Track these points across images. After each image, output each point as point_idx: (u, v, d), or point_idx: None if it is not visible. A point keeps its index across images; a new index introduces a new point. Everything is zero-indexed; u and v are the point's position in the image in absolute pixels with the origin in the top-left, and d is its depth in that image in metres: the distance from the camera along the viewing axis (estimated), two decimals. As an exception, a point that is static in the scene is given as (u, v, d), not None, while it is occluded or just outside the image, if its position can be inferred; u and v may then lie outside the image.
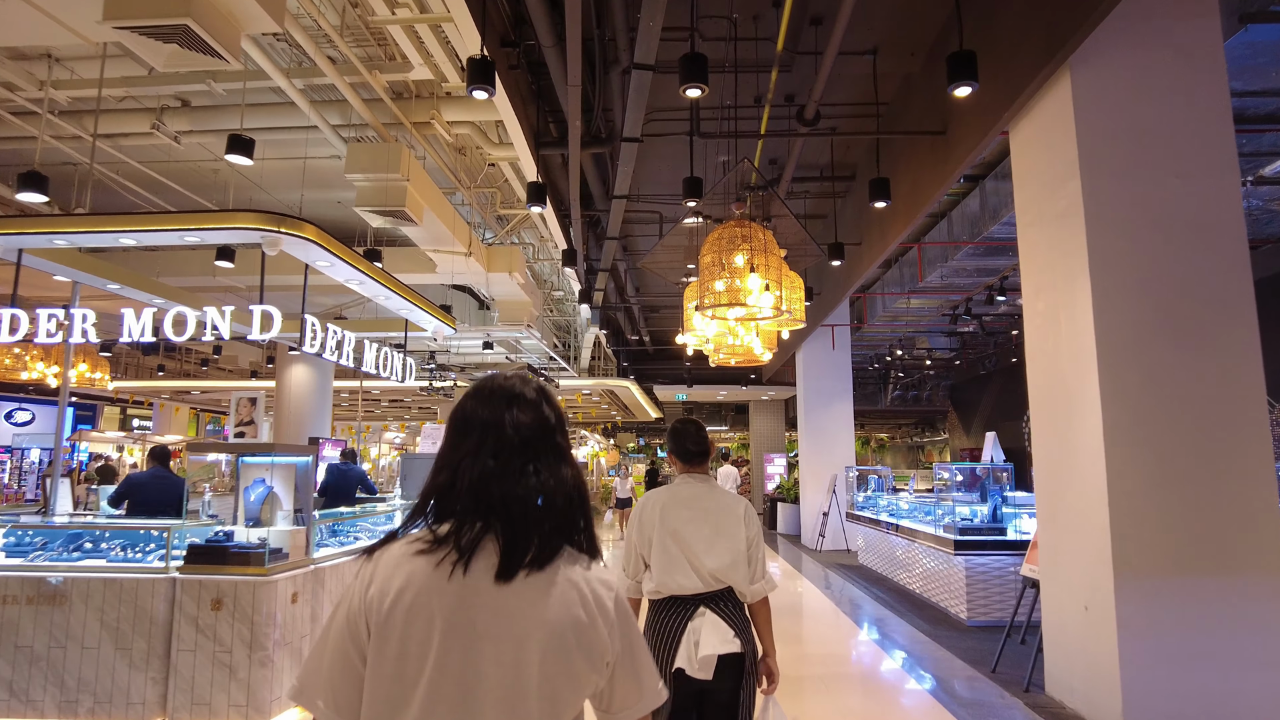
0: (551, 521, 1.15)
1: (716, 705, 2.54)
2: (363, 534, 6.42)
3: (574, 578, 1.14)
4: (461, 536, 1.11)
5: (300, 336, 5.82)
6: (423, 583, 1.09)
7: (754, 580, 2.67)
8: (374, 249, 9.20)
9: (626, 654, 1.17)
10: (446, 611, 1.07)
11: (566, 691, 1.10)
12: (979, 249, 10.09)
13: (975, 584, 7.51)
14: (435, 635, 1.06)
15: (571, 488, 1.19)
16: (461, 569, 1.09)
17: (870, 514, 11.37)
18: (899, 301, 13.06)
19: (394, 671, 1.06)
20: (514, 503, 1.13)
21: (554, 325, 17.90)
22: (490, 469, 1.15)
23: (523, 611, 1.09)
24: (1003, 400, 17.83)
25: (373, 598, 1.10)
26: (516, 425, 1.18)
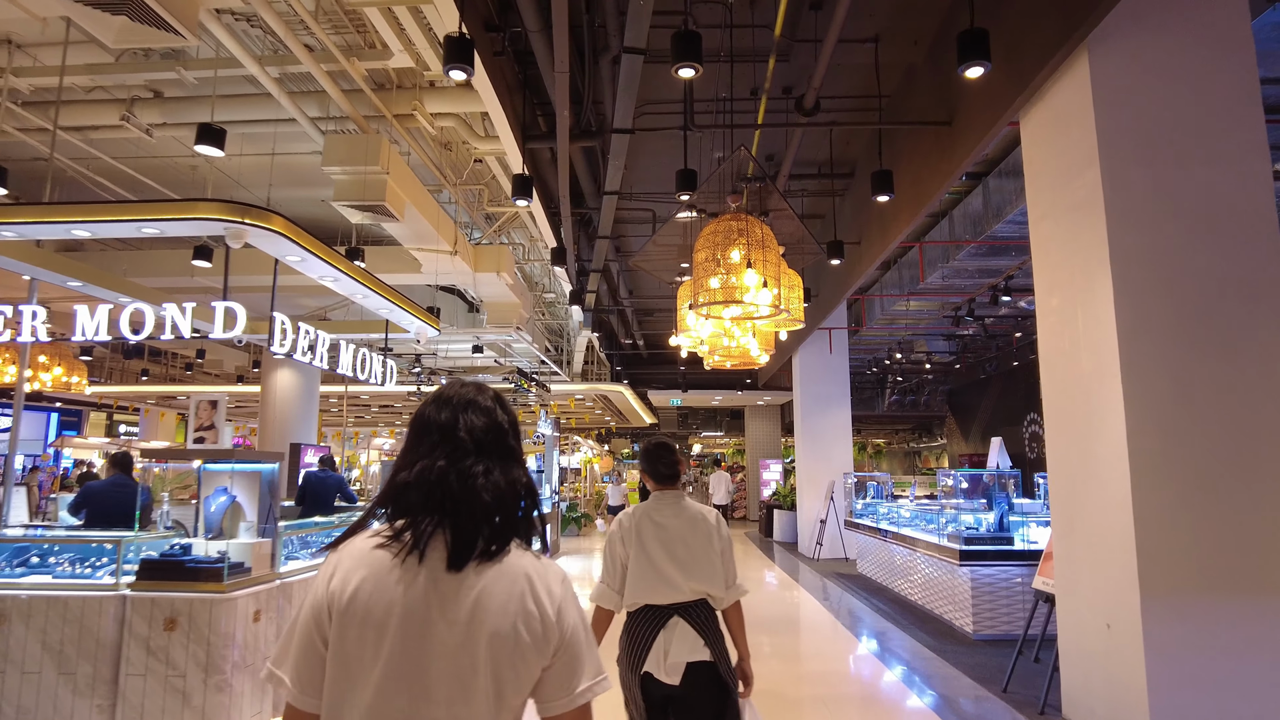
0: (500, 517, 1.23)
1: (686, 711, 2.64)
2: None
3: (524, 569, 1.22)
4: (416, 531, 1.19)
5: (269, 336, 5.48)
6: (381, 574, 1.17)
7: (726, 587, 2.80)
8: (356, 248, 8.87)
9: (570, 643, 1.22)
10: (402, 600, 1.15)
11: (512, 674, 1.17)
12: (981, 248, 9.81)
13: (981, 596, 7.19)
14: (392, 621, 1.14)
15: (521, 487, 1.27)
16: (416, 560, 1.18)
17: (869, 522, 11.06)
18: (898, 304, 12.78)
19: (354, 653, 1.14)
20: (463, 500, 1.21)
21: (546, 329, 17.58)
22: (442, 469, 1.23)
23: (473, 600, 1.17)
24: (1003, 405, 17.56)
25: (335, 588, 1.18)
26: (470, 428, 1.27)
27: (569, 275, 10.39)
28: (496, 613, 1.17)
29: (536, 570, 1.24)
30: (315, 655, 1.18)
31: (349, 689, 1.15)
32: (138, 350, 19.89)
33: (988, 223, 9.08)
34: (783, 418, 24.95)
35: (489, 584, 1.19)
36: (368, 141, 6.48)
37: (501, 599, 1.18)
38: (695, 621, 2.69)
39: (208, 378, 20.73)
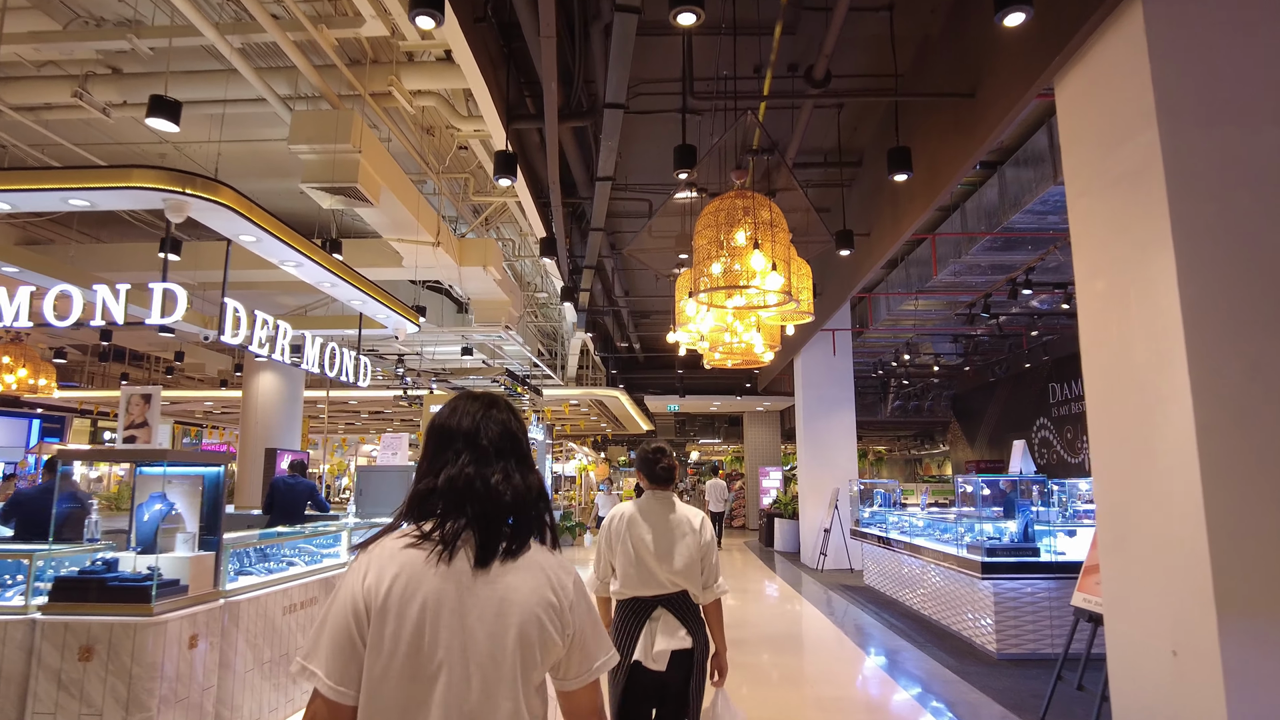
0: (520, 517, 1.35)
1: (673, 695, 2.87)
2: (303, 557, 5.51)
3: (542, 564, 1.35)
4: (445, 531, 1.30)
5: (220, 323, 4.90)
6: (413, 571, 1.27)
7: (707, 585, 2.98)
8: (334, 239, 8.33)
9: (585, 628, 1.36)
10: (435, 595, 1.26)
11: (536, 659, 1.29)
12: (996, 242, 9.29)
13: (1005, 611, 6.63)
14: (427, 615, 1.25)
15: (536, 489, 1.40)
16: (446, 559, 1.28)
17: (878, 531, 10.49)
18: (905, 303, 12.25)
19: (390, 647, 1.24)
20: (487, 502, 1.33)
21: (539, 331, 17.03)
22: (469, 475, 1.34)
23: (499, 593, 1.29)
24: (1011, 410, 17.02)
25: (370, 585, 1.27)
26: (490, 436, 1.38)
27: (560, 270, 9.84)
28: (521, 605, 1.28)
29: (553, 566, 1.36)
30: (351, 650, 1.25)
31: (386, 678, 1.23)
32: (117, 354, 19.29)
33: (1004, 213, 8.57)
34: (782, 424, 24.40)
35: (513, 579, 1.30)
36: (338, 117, 5.94)
37: (525, 592, 1.29)
38: (677, 611, 2.92)
39: (191, 382, 20.13)
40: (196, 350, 16.55)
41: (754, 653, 7.08)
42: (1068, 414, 14.43)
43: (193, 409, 24.79)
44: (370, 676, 1.23)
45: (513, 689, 1.25)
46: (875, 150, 8.65)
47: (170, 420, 23.29)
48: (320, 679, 1.23)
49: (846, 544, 13.29)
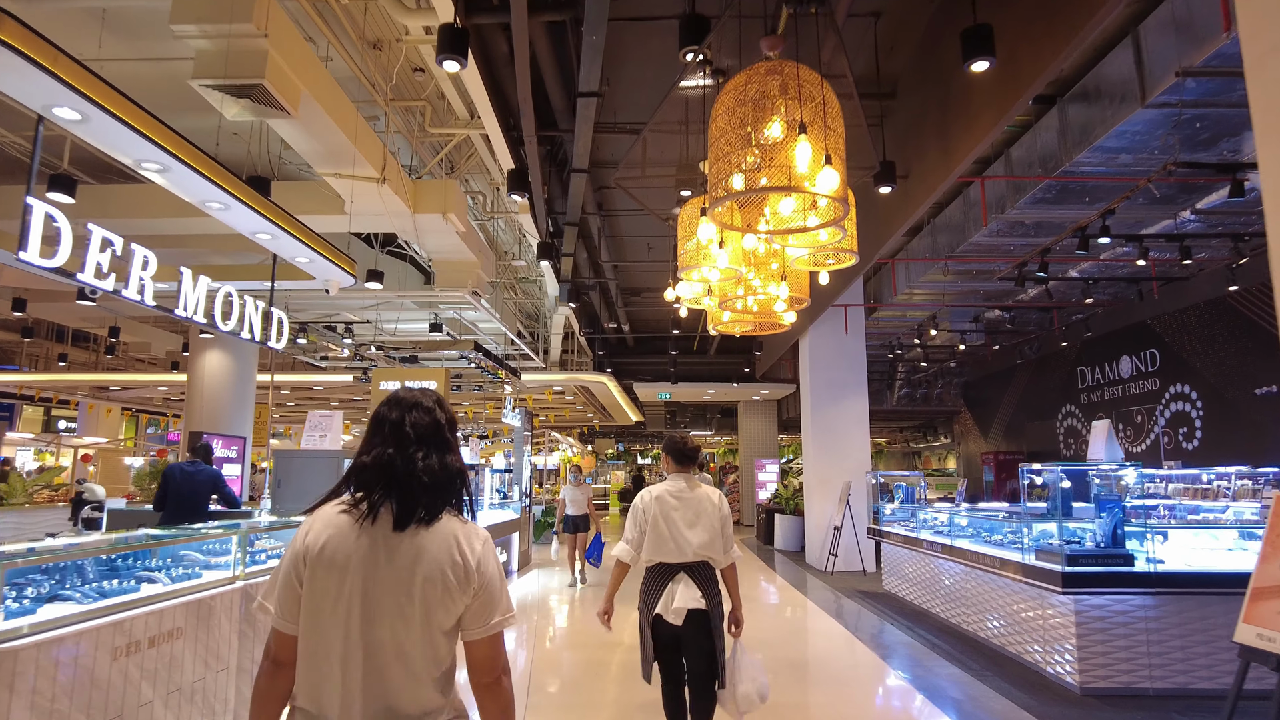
0: (434, 492, 1.62)
1: (691, 647, 3.48)
2: (176, 570, 4.04)
3: (454, 530, 1.62)
4: (370, 501, 1.60)
5: (21, 234, 3.39)
6: (343, 532, 1.58)
7: (725, 551, 3.55)
8: (260, 177, 6.82)
9: (486, 586, 1.63)
10: (357, 551, 1.56)
11: (439, 607, 1.57)
12: (1050, 191, 7.90)
13: (1092, 635, 5.25)
14: (351, 566, 1.55)
15: (453, 470, 1.68)
16: (370, 523, 1.59)
17: (902, 529, 9.11)
18: (929, 273, 10.85)
19: (322, 590, 1.55)
20: (405, 479, 1.60)
21: (518, 311, 15.54)
22: (391, 455, 1.63)
23: (411, 552, 1.57)
24: (1031, 397, 15.71)
25: (310, 542, 1.59)
26: (414, 424, 1.67)
27: (536, 222, 8.38)
28: (429, 562, 1.57)
29: (463, 532, 1.65)
30: (293, 591, 1.58)
31: (318, 616, 1.55)
32: (57, 333, 17.66)
33: (1065, 154, 7.17)
34: (780, 414, 23.04)
35: (425, 540, 1.58)
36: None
37: (434, 552, 1.58)
38: (696, 578, 3.48)
39: (144, 366, 18.51)
40: (138, 327, 14.96)
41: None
42: (1100, 400, 13.13)
43: (151, 395, 23.17)
44: (305, 611, 1.56)
45: (419, 628, 1.55)
46: (913, 78, 7.24)
47: (119, 406, 21.64)
48: (272, 615, 1.60)
49: (859, 544, 11.93)
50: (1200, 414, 10.63)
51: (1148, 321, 11.81)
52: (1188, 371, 10.97)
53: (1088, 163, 7.10)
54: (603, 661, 6.45)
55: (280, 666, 1.59)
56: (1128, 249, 9.84)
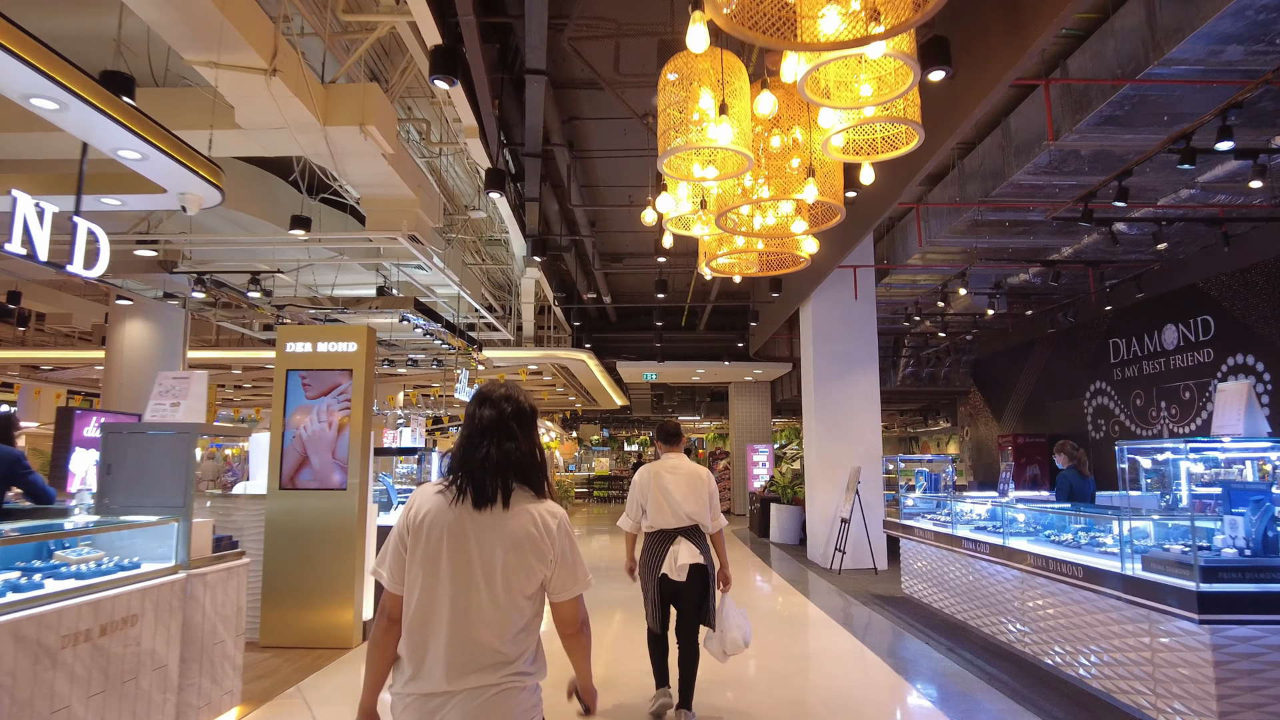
0: (500, 476, 1.86)
1: (688, 598, 4.16)
2: None
3: (530, 508, 1.88)
4: (456, 484, 1.87)
5: None
6: (439, 509, 1.85)
7: (713, 519, 4.29)
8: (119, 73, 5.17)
9: (563, 557, 1.90)
10: (450, 525, 1.82)
11: (520, 575, 1.83)
12: (1121, 108, 6.36)
13: (1238, 678, 3.75)
14: (444, 539, 1.82)
15: (519, 456, 1.90)
16: (457, 502, 1.86)
17: (931, 525, 7.62)
18: (953, 225, 9.30)
19: (422, 558, 1.83)
20: (475, 466, 1.87)
21: (487, 279, 13.91)
22: (466, 445, 1.91)
23: (492, 527, 1.83)
24: (1053, 374, 14.26)
25: (412, 516, 1.87)
26: (482, 418, 1.92)
27: (485, 144, 6.76)
28: (510, 536, 1.83)
29: (539, 509, 1.89)
30: (399, 558, 1.86)
31: (416, 577, 1.82)
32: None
33: (1153, 51, 5.63)
34: (774, 396, 21.57)
35: (506, 518, 1.85)
36: None
37: (512, 526, 1.84)
38: (691, 538, 4.21)
39: (71, 341, 16.75)
40: (55, 296, 13.23)
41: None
42: (1136, 375, 11.69)
43: (94, 376, 21.38)
44: (409, 576, 1.84)
45: (502, 593, 1.81)
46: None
47: (55, 388, 19.85)
48: (385, 577, 1.88)
49: (870, 538, 10.46)
50: (1269, 389, 9.18)
51: (1199, 285, 10.34)
52: (1252, 340, 9.51)
53: (1184, 58, 5.56)
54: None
55: (392, 622, 1.86)
56: (1194, 191, 8.35)
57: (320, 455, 6.14)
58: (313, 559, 6.00)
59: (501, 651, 1.79)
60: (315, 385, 6.24)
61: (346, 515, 6.05)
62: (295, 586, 5.97)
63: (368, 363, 6.25)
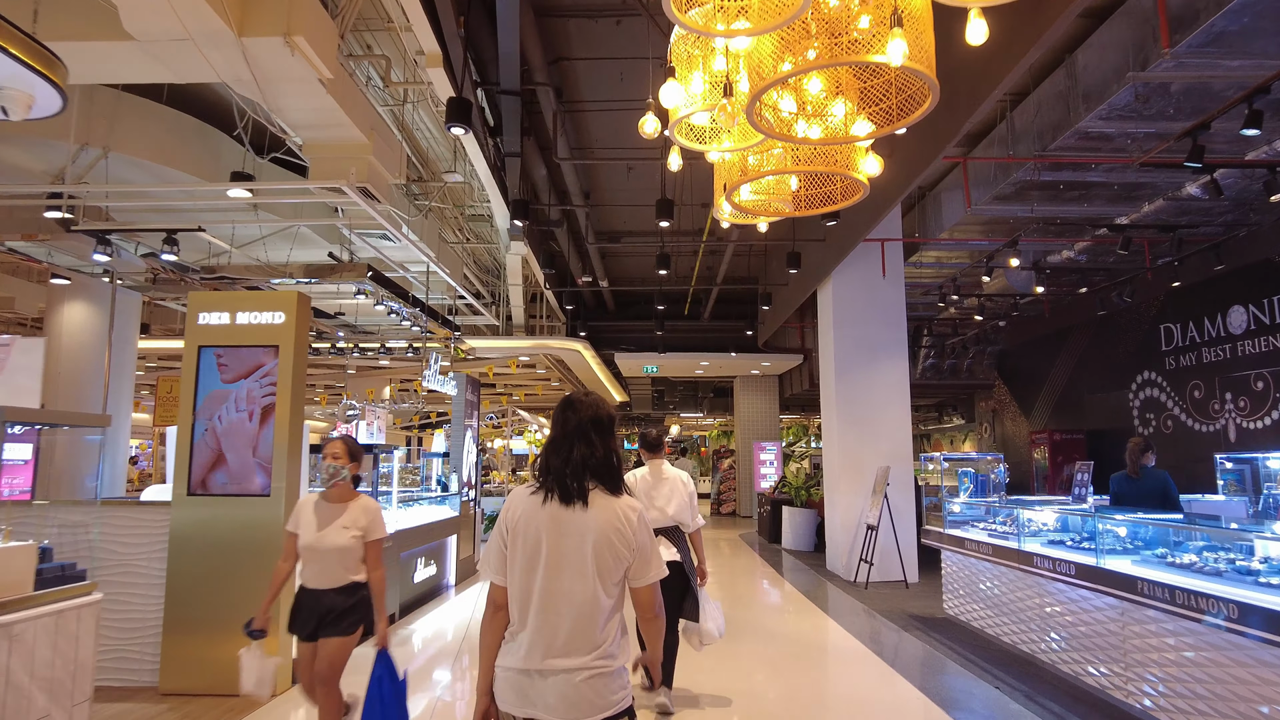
0: (579, 476, 2.05)
1: (667, 589, 3.37)
2: None
3: (612, 504, 2.06)
4: (545, 485, 2.07)
5: None
6: (532, 508, 2.05)
7: (693, 519, 4.63)
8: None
9: (643, 547, 2.07)
10: (543, 522, 2.01)
11: (610, 564, 2.00)
12: (1237, 19, 5.11)
13: None
14: (540, 534, 2.00)
15: (598, 458, 2.08)
16: (547, 501, 2.04)
17: (986, 535, 6.40)
18: (997, 190, 8.05)
19: (519, 553, 2.03)
20: (559, 467, 2.06)
21: (473, 260, 12.67)
22: (550, 450, 2.11)
23: (580, 522, 2.01)
24: (1091, 364, 13.01)
25: (509, 516, 2.08)
26: (564, 423, 2.12)
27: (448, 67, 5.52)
28: (595, 529, 2.00)
29: (620, 506, 2.06)
30: (500, 553, 2.08)
31: (515, 570, 2.03)
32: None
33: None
34: (781, 391, 20.35)
35: (592, 513, 2.02)
36: None
37: (599, 521, 2.01)
38: (671, 538, 4.54)
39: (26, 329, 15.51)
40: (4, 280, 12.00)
41: None
42: (1193, 364, 10.46)
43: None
44: (511, 568, 2.05)
45: (591, 581, 1.98)
46: None
47: None
48: (491, 573, 2.10)
49: (900, 548, 9.23)
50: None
51: (1277, 259, 9.10)
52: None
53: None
54: None
55: (498, 609, 2.08)
56: (1268, 151, 7.10)
57: (238, 453, 4.92)
58: (228, 581, 4.78)
59: (592, 635, 1.97)
60: (233, 366, 5.01)
61: (270, 526, 4.83)
62: (206, 617, 4.75)
63: (298, 337, 5.03)
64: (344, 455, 3.52)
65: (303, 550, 3.43)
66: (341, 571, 3.41)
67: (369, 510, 3.51)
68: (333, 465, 3.48)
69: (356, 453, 3.62)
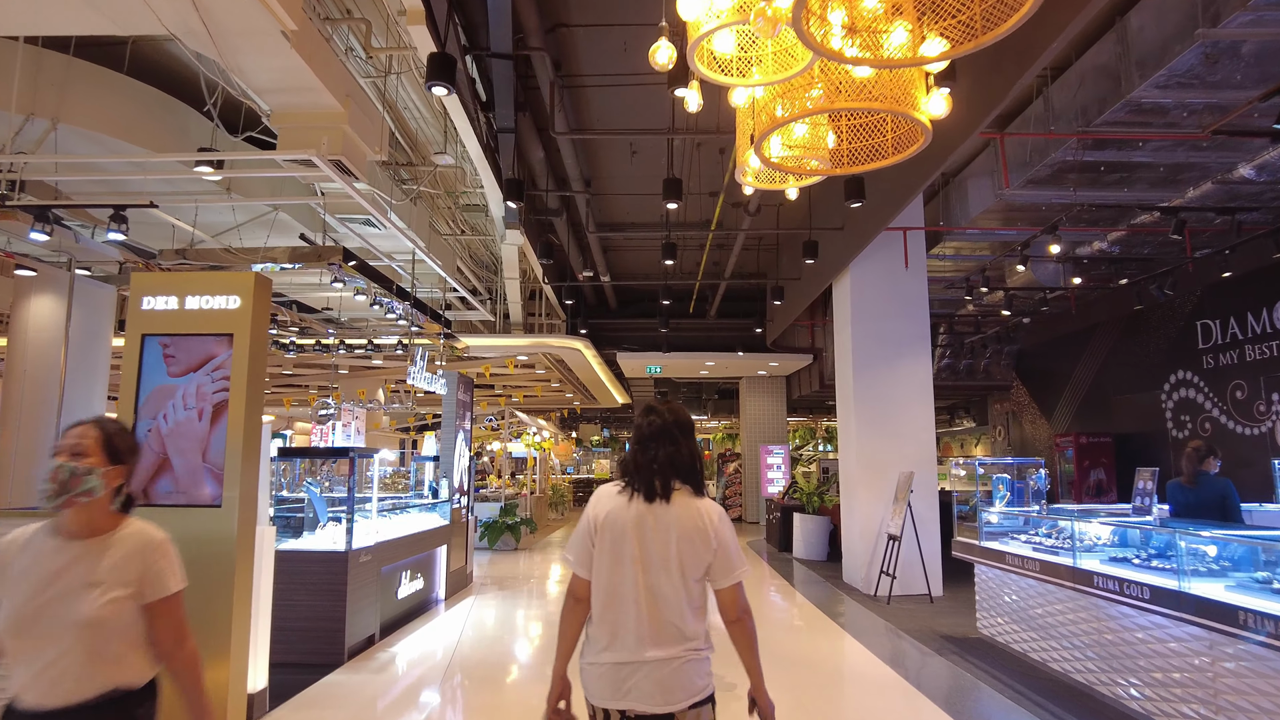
0: (666, 474, 2.11)
1: None
2: None
3: (693, 504, 2.11)
4: (631, 485, 2.14)
5: None
6: (618, 506, 2.11)
7: None
8: None
9: (723, 545, 2.09)
10: (629, 520, 2.08)
11: (693, 561, 2.06)
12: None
13: None
14: (626, 531, 2.07)
15: (681, 459, 2.14)
16: (633, 500, 2.11)
17: (1031, 549, 5.74)
18: (1032, 173, 7.40)
19: (606, 549, 2.09)
20: (643, 468, 2.13)
21: (468, 253, 12.05)
22: (636, 452, 2.17)
23: (664, 520, 2.07)
24: (1120, 363, 12.35)
25: (596, 513, 2.14)
26: (647, 426, 2.19)
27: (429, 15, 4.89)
28: (679, 527, 2.06)
29: (702, 506, 2.12)
30: (586, 549, 2.13)
31: (601, 564, 2.09)
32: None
33: None
34: (789, 392, 19.69)
35: (675, 511, 2.08)
36: None
37: (682, 519, 2.07)
38: None
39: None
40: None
41: None
42: (1235, 362, 9.80)
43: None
44: (598, 563, 2.10)
45: (677, 576, 2.05)
46: None
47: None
48: (573, 564, 2.15)
49: (924, 559, 8.57)
50: None
51: (1332, 248, 8.45)
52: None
53: None
54: None
55: (579, 601, 2.13)
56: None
57: (185, 457, 4.28)
58: (172, 607, 4.13)
59: (681, 628, 2.04)
60: (181, 357, 4.37)
61: (221, 542, 4.19)
62: (146, 647, 4.10)
63: (256, 325, 4.39)
64: (94, 451, 1.97)
65: (7, 633, 1.85)
66: (90, 669, 1.86)
67: (146, 549, 1.99)
68: (68, 469, 1.90)
69: (122, 449, 2.06)
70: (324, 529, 6.05)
